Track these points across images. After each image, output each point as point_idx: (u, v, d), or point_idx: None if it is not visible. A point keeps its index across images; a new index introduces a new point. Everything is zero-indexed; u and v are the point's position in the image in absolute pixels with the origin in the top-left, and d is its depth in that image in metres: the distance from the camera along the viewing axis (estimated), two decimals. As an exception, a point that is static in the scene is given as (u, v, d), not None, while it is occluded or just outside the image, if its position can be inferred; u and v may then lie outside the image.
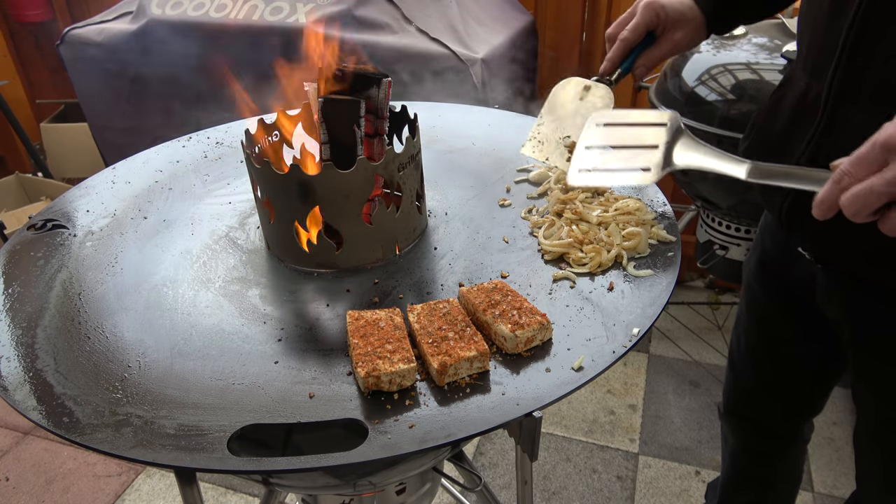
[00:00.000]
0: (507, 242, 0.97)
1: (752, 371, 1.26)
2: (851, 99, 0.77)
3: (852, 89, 0.77)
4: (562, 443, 2.02)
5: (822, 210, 0.62)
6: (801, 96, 0.87)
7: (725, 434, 1.43)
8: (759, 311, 1.20)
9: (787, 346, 1.17)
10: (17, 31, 3.45)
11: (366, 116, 0.96)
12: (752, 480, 1.41)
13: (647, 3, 0.94)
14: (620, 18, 0.98)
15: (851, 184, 0.59)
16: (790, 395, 1.24)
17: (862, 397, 1.02)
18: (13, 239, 1.05)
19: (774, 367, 1.21)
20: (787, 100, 0.91)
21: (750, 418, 1.33)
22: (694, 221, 2.30)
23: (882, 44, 0.73)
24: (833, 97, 0.79)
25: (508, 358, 0.76)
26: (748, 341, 1.24)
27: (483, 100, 2.04)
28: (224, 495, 1.90)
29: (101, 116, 2.60)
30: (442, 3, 2.24)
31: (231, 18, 2.22)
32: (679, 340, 2.39)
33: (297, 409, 0.70)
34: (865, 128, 0.68)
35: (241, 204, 1.12)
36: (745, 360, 1.26)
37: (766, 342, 1.21)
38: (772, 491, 1.40)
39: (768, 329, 1.19)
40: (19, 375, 0.77)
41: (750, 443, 1.36)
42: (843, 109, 0.79)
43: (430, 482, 1.10)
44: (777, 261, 1.09)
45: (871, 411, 1.01)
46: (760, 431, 1.33)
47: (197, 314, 0.86)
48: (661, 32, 0.96)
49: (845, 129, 0.79)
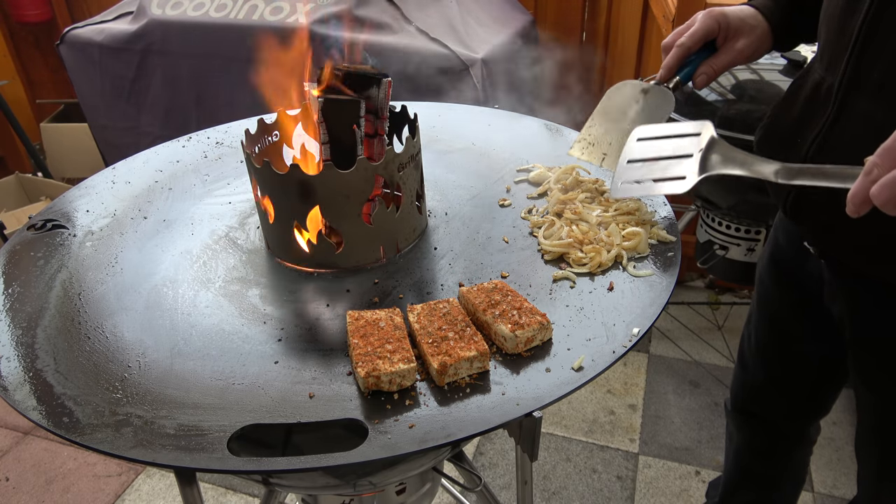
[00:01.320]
0: (507, 242, 0.97)
1: (761, 368, 1.26)
2: (860, 89, 0.80)
3: (861, 81, 0.80)
4: (562, 443, 2.02)
5: (855, 205, 0.62)
6: (815, 87, 0.89)
7: (730, 431, 1.43)
8: (770, 308, 1.20)
9: (797, 343, 1.17)
10: (17, 31, 3.45)
11: (366, 116, 0.96)
12: (754, 479, 1.41)
13: (707, 12, 0.92)
14: (678, 28, 0.96)
15: (881, 175, 0.59)
16: (798, 393, 1.24)
17: (862, 398, 1.02)
18: (13, 239, 1.05)
19: (784, 365, 1.22)
20: (804, 90, 0.92)
21: (756, 415, 1.33)
22: (694, 221, 2.30)
23: (890, 40, 0.76)
24: (844, 87, 0.81)
25: (508, 358, 0.76)
26: (759, 338, 1.24)
27: (483, 100, 2.04)
28: (224, 495, 1.90)
29: (101, 116, 2.60)
30: (442, 3, 2.24)
31: (231, 18, 2.22)
32: (679, 340, 2.39)
33: (297, 409, 0.70)
34: (871, 117, 0.74)
35: (241, 204, 1.12)
36: (755, 356, 1.26)
37: (777, 339, 1.21)
38: (775, 491, 1.40)
39: (779, 326, 1.19)
40: (19, 375, 0.77)
41: (755, 441, 1.36)
42: (851, 99, 0.81)
43: (430, 482, 1.10)
44: (789, 257, 1.10)
45: (870, 412, 1.01)
46: (766, 430, 1.33)
47: (197, 314, 0.86)
48: (723, 42, 0.94)
49: (852, 117, 0.81)
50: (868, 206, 0.62)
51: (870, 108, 0.79)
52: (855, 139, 0.81)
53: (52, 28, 3.40)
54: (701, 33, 0.92)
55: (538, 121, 1.34)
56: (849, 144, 0.81)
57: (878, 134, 0.74)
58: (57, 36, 2.50)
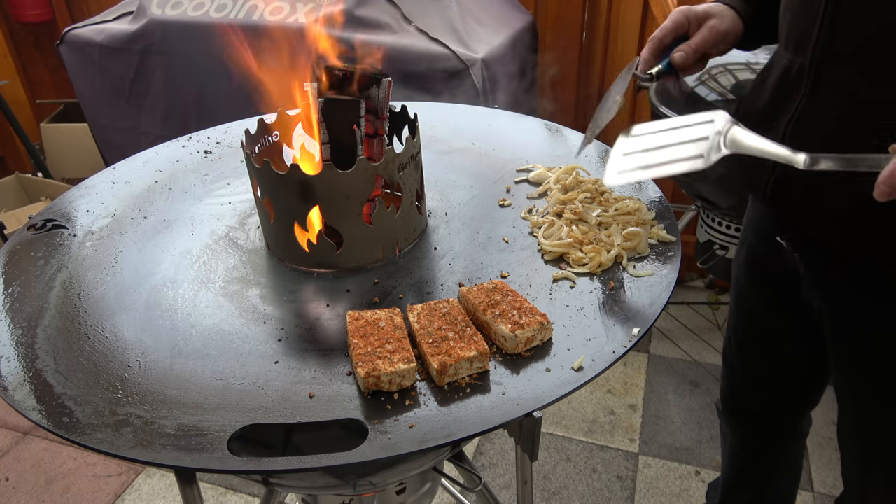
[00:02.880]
0: (507, 242, 0.97)
1: (743, 367, 1.28)
2: (833, 61, 0.82)
3: (833, 52, 0.81)
4: (562, 443, 2.02)
5: (889, 185, 0.63)
6: (784, 71, 0.91)
7: (724, 432, 1.44)
8: (747, 307, 1.21)
9: (776, 341, 1.18)
10: (17, 31, 3.45)
11: (366, 116, 0.96)
12: (751, 477, 1.42)
13: (676, 9, 0.96)
14: None
15: None
16: (783, 389, 1.25)
17: (842, 390, 1.03)
18: (13, 239, 1.05)
19: (765, 363, 1.23)
20: (771, 79, 0.94)
21: (747, 414, 1.34)
22: (694, 221, 2.30)
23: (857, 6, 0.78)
24: (817, 62, 0.83)
25: (508, 358, 0.76)
26: (738, 337, 1.26)
27: (483, 100, 2.04)
28: (224, 495, 1.90)
29: (101, 116, 2.60)
30: (442, 3, 2.24)
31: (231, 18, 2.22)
32: (679, 340, 2.39)
33: (297, 409, 0.70)
34: (846, 86, 0.78)
35: (241, 204, 1.12)
36: (735, 356, 1.29)
37: (756, 338, 1.22)
38: (772, 487, 1.41)
39: (757, 324, 1.20)
40: (19, 375, 0.77)
41: (748, 439, 1.37)
42: (825, 71, 0.83)
43: (430, 482, 1.10)
44: (763, 255, 1.11)
45: (851, 404, 1.02)
46: (758, 427, 1.34)
47: (197, 314, 0.86)
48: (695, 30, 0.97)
49: (827, 90, 0.83)
50: None
51: (844, 78, 0.80)
52: (832, 111, 0.82)
53: (52, 28, 3.40)
54: (670, 26, 0.95)
55: (538, 121, 1.34)
56: (826, 117, 0.83)
57: (854, 102, 0.78)
58: (57, 36, 2.50)
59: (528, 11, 2.60)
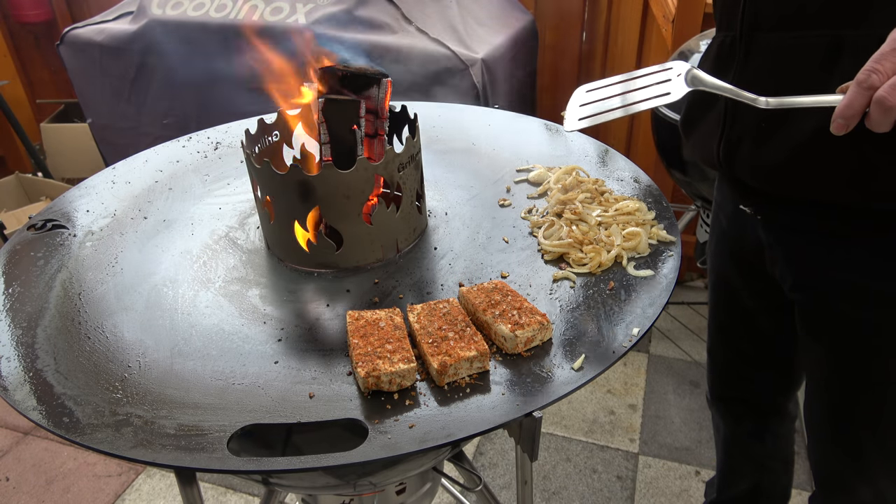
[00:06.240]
0: (507, 242, 0.97)
1: (724, 350, 1.30)
2: (761, 28, 0.88)
3: (760, 21, 0.88)
4: (562, 443, 2.02)
5: (845, 118, 0.65)
6: (719, 48, 0.97)
7: (717, 423, 1.46)
8: (721, 289, 1.23)
9: (753, 319, 1.20)
10: (17, 31, 3.45)
11: (366, 116, 0.96)
12: (746, 465, 1.43)
13: None
14: None
15: (882, 79, 0.62)
16: (766, 369, 1.26)
17: (810, 353, 1.04)
18: (13, 239, 1.05)
19: (745, 343, 1.25)
20: (710, 57, 1.00)
21: (734, 399, 1.36)
22: (694, 221, 2.30)
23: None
24: (747, 32, 0.90)
25: (508, 358, 0.76)
26: (717, 321, 1.28)
27: (483, 100, 2.04)
28: (224, 495, 1.90)
29: (101, 116, 2.60)
30: (442, 3, 2.24)
31: (231, 18, 2.22)
32: (679, 340, 2.39)
33: (297, 409, 0.70)
34: (776, 47, 0.86)
35: (241, 204, 1.12)
36: (715, 339, 1.31)
37: (733, 319, 1.24)
38: (766, 474, 1.41)
39: (733, 306, 1.22)
40: (19, 375, 0.77)
41: (738, 426, 1.39)
42: (756, 39, 0.89)
43: (430, 482, 1.10)
44: (732, 231, 1.12)
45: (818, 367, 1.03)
46: (747, 412, 1.36)
47: (197, 314, 0.86)
48: None
49: (759, 54, 0.89)
50: (858, 118, 0.64)
51: (773, 40, 0.86)
52: (766, 72, 0.88)
53: (52, 28, 3.41)
54: None
55: (538, 121, 1.34)
56: (762, 79, 0.89)
57: (785, 59, 0.85)
58: (57, 36, 2.51)
59: (528, 11, 2.61)
